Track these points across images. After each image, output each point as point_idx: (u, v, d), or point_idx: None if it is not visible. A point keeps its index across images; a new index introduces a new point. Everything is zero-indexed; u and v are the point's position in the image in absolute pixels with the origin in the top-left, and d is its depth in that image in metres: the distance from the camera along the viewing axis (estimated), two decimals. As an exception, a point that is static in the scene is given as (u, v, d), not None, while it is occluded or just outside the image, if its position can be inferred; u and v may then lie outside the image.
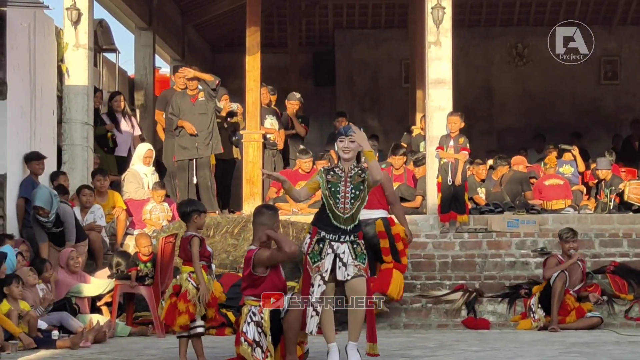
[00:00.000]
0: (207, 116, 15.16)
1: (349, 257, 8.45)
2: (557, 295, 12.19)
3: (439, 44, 14.83)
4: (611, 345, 10.40)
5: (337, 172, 8.61)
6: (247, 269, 8.45)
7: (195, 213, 9.00)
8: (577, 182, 16.99)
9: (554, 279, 12.28)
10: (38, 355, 9.75)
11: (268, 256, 8.38)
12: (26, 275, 10.91)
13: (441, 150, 14.42)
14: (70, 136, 14.53)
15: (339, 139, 8.66)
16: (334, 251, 8.46)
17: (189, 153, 15.10)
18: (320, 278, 8.41)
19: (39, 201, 12.12)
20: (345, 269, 8.43)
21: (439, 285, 13.30)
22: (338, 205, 8.49)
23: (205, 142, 15.08)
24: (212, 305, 8.83)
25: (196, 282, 8.76)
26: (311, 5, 22.67)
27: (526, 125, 22.86)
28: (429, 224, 14.50)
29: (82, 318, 11.31)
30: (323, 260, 8.44)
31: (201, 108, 15.17)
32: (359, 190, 8.54)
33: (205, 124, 15.11)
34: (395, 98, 22.83)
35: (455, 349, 10.09)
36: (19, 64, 12.92)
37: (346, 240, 8.49)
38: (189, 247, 8.87)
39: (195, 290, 8.74)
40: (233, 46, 23.18)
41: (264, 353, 8.26)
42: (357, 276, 8.43)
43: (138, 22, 19.02)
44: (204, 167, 15.12)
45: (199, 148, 15.06)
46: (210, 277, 8.93)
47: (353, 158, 8.64)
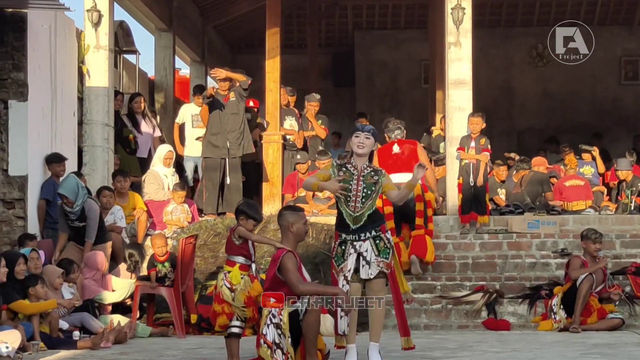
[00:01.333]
0: (238, 116, 15.08)
1: (372, 254, 8.45)
2: (582, 296, 12.15)
3: (459, 44, 14.81)
4: (632, 346, 10.37)
5: (349, 169, 8.60)
6: (272, 269, 8.41)
7: (244, 215, 8.82)
8: (597, 182, 16.93)
9: (581, 280, 12.23)
10: (59, 355, 9.78)
11: (287, 275, 8.32)
12: (54, 277, 10.94)
13: (462, 151, 14.40)
14: (90, 137, 14.57)
15: (355, 134, 8.66)
16: (357, 250, 8.46)
17: (219, 152, 15.01)
18: (344, 278, 8.41)
19: (63, 189, 12.10)
20: (369, 267, 8.44)
21: (459, 287, 13.28)
22: (349, 203, 8.49)
23: (237, 142, 14.99)
24: (250, 304, 8.70)
25: (232, 283, 8.72)
26: (331, 6, 22.68)
27: (546, 125, 22.80)
28: (449, 225, 14.48)
29: (103, 319, 11.36)
30: (346, 261, 8.45)
31: (232, 108, 15.10)
32: (370, 191, 8.53)
33: (237, 123, 15.03)
34: (415, 99, 22.81)
35: (476, 350, 10.07)
36: (40, 66, 12.97)
37: (368, 237, 8.49)
38: (233, 237, 8.82)
39: (229, 292, 8.71)
40: (253, 47, 23.24)
41: (284, 355, 8.26)
42: (378, 277, 8.43)
43: (158, 24, 19.06)
44: (236, 168, 15.03)
45: (230, 148, 14.98)
46: (248, 277, 8.79)
47: (367, 154, 8.63)
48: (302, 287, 8.26)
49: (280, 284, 8.33)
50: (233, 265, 8.82)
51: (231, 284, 8.74)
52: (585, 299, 12.18)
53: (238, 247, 8.83)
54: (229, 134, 14.94)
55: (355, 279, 8.47)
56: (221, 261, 12.89)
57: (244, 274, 8.78)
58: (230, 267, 8.82)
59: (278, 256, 8.36)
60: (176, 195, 14.61)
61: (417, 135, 18.30)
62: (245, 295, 8.68)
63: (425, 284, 13.29)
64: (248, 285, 8.73)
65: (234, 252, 8.85)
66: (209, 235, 13.70)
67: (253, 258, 8.95)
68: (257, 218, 8.95)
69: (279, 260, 8.32)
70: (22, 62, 12.54)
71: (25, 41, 12.57)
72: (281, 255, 8.35)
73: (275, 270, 8.35)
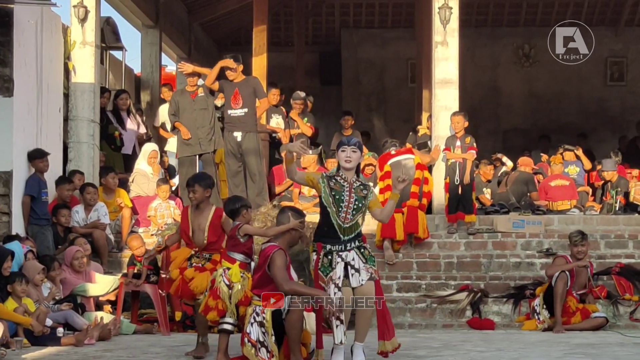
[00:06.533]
0: (207, 111, 15.05)
1: (360, 262, 8.45)
2: (559, 295, 12.13)
3: (446, 44, 14.83)
4: (616, 346, 10.39)
5: (339, 181, 8.57)
6: (262, 266, 8.40)
7: (244, 209, 9.01)
8: (582, 182, 16.96)
9: (555, 279, 12.22)
10: (43, 352, 9.76)
11: (274, 271, 8.33)
12: (34, 273, 10.89)
13: (448, 151, 14.42)
14: (76, 134, 14.54)
15: (341, 149, 8.62)
16: (344, 259, 8.44)
17: (192, 149, 15.02)
18: (335, 286, 8.39)
19: None
20: (359, 274, 8.42)
21: (444, 286, 13.30)
22: (340, 214, 8.46)
23: (208, 137, 15.00)
24: (245, 303, 8.68)
25: (231, 280, 8.72)
26: (318, 4, 22.67)
27: (532, 126, 22.88)
28: (435, 224, 14.49)
29: (88, 316, 11.32)
30: (334, 269, 8.43)
31: (201, 104, 15.09)
32: (361, 204, 8.52)
33: (206, 119, 15.02)
34: (401, 98, 22.84)
35: (460, 349, 10.08)
36: (26, 61, 12.92)
37: (352, 247, 8.48)
38: (238, 235, 8.83)
39: (227, 289, 8.71)
40: (239, 45, 23.20)
41: (268, 353, 8.25)
42: (369, 280, 8.43)
43: (145, 20, 19.03)
44: (209, 163, 15.06)
45: (201, 144, 14.98)
46: (246, 275, 8.79)
47: (354, 168, 8.62)
48: (288, 285, 8.25)
49: (269, 280, 8.33)
50: (233, 262, 8.82)
51: (230, 282, 8.73)
52: (562, 297, 12.15)
53: (242, 245, 8.87)
54: (198, 129, 14.92)
55: (346, 283, 8.44)
56: (206, 258, 12.87)
57: (243, 272, 8.78)
58: (229, 263, 8.82)
59: (269, 252, 8.35)
60: (160, 189, 14.57)
61: (403, 134, 18.35)
62: (243, 295, 8.69)
63: (410, 283, 13.32)
64: (247, 286, 8.72)
65: (236, 249, 8.88)
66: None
67: (253, 255, 8.98)
68: (247, 205, 9.09)
69: (269, 257, 8.32)
70: (8, 58, 12.49)
71: (11, 36, 12.51)
72: (272, 251, 8.34)
73: (265, 267, 8.35)
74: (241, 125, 14.53)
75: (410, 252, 13.89)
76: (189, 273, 9.84)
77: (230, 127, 14.63)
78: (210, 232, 9.82)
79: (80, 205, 13.55)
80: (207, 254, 9.90)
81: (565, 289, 12.21)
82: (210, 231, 9.82)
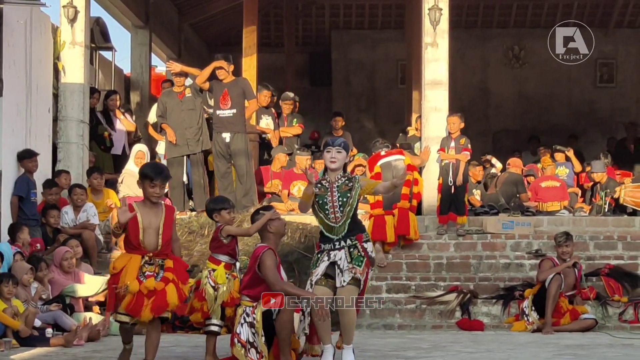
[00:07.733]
0: (195, 112, 15.06)
1: (345, 262, 8.39)
2: (551, 297, 12.17)
3: (436, 45, 14.83)
4: (605, 347, 10.41)
5: (324, 185, 8.56)
6: (252, 266, 8.40)
7: (224, 210, 8.89)
8: (571, 184, 16.99)
9: (549, 281, 12.25)
10: (32, 352, 9.73)
11: (264, 271, 8.33)
12: (22, 273, 10.87)
13: (442, 152, 14.43)
14: (65, 134, 14.52)
15: (326, 149, 8.60)
16: (330, 259, 8.42)
17: (180, 150, 15.01)
18: (310, 283, 8.39)
19: None
20: (342, 275, 8.38)
21: (434, 287, 13.30)
22: (329, 217, 8.46)
23: (195, 137, 14.99)
24: (231, 304, 8.64)
25: (216, 282, 8.66)
26: (308, 5, 22.68)
27: (522, 127, 22.90)
28: (424, 225, 14.50)
29: (77, 316, 11.29)
30: (317, 267, 8.43)
31: (189, 104, 15.09)
32: (346, 198, 8.48)
33: (194, 119, 15.02)
34: (391, 99, 22.84)
35: (450, 350, 10.09)
36: (15, 61, 12.89)
37: (343, 246, 8.46)
38: (219, 235, 8.77)
39: (212, 290, 8.65)
40: (229, 45, 23.16)
41: (258, 354, 8.24)
42: (350, 283, 8.37)
43: (134, 21, 19.01)
44: (197, 164, 15.04)
45: (189, 144, 14.96)
46: (231, 276, 8.74)
47: (340, 168, 8.59)
48: (278, 285, 8.26)
49: (259, 281, 8.34)
50: (217, 263, 8.77)
51: (215, 283, 8.70)
52: (555, 299, 12.19)
53: (226, 246, 8.81)
54: (186, 130, 14.91)
55: (323, 283, 8.40)
56: (195, 259, 12.87)
57: (229, 273, 8.75)
58: (214, 264, 8.78)
59: (258, 253, 8.35)
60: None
61: (393, 135, 18.35)
62: (229, 296, 8.65)
63: (399, 284, 13.32)
64: (232, 287, 8.68)
65: (220, 251, 8.82)
66: (182, 233, 13.64)
67: (237, 256, 8.94)
68: (226, 207, 8.92)
69: (259, 257, 8.32)
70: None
71: (1, 36, 12.48)
72: (261, 252, 8.34)
73: (255, 267, 8.35)
74: (230, 126, 14.51)
75: (400, 253, 13.90)
76: (149, 284, 8.02)
77: (218, 128, 14.61)
78: (165, 232, 8.19)
79: (69, 206, 13.52)
80: (160, 260, 8.18)
81: (559, 292, 12.24)
82: (165, 231, 8.19)
